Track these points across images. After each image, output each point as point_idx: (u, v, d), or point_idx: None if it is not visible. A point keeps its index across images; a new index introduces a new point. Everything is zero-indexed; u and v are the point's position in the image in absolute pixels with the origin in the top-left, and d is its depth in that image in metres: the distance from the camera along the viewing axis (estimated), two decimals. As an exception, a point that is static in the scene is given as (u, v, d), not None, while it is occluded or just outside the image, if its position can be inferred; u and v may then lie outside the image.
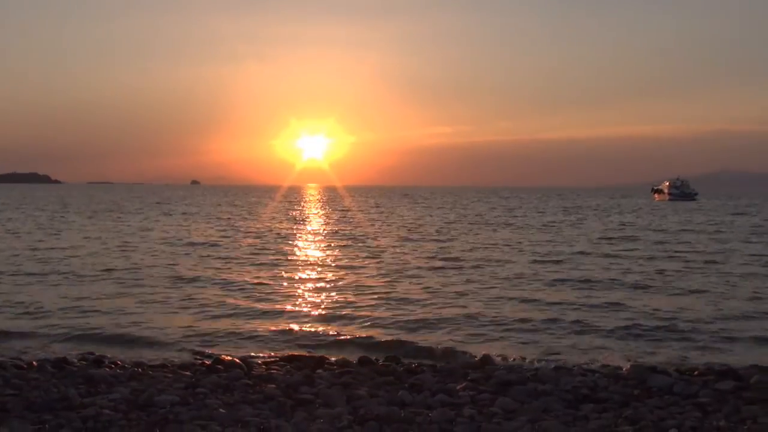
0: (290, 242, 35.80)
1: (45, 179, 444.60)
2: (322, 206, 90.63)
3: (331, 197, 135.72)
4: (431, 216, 63.71)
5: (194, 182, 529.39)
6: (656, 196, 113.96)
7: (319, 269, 24.60)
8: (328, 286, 20.72)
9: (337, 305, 17.45)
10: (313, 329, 14.88)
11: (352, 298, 18.36)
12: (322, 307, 17.36)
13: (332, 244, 34.55)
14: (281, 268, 24.84)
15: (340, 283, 21.18)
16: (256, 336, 14.12)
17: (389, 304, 17.50)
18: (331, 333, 14.48)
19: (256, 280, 21.52)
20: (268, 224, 50.87)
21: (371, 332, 14.46)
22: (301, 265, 25.87)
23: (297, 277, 22.54)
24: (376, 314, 16.28)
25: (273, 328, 14.87)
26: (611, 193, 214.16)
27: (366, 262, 26.39)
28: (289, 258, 28.29)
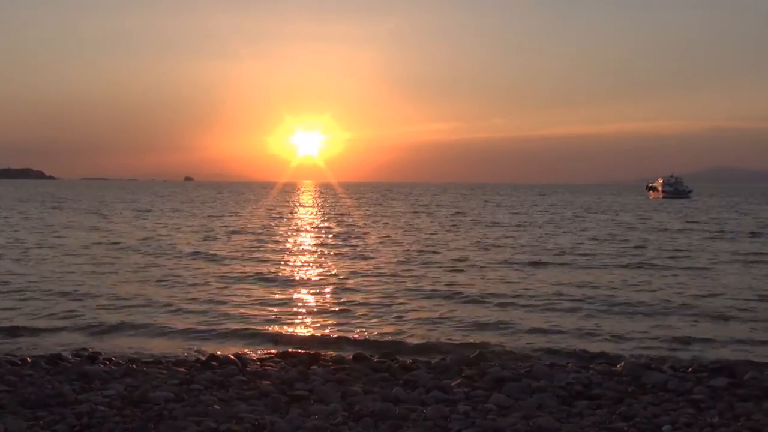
0: (281, 239, 35.74)
1: (39, 175, 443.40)
2: (314, 203, 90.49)
3: (326, 194, 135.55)
4: (426, 212, 63.67)
5: (188, 179, 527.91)
6: (651, 193, 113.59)
7: (312, 267, 24.59)
8: (321, 283, 20.72)
9: (332, 302, 17.47)
10: (307, 326, 14.89)
11: (345, 296, 18.34)
12: (317, 304, 17.37)
13: (323, 242, 34.53)
14: (273, 265, 24.81)
15: (333, 280, 21.16)
16: (251, 332, 14.08)
17: (383, 300, 17.50)
18: (325, 329, 14.49)
19: (249, 277, 21.50)
20: (258, 221, 50.77)
21: (366, 329, 14.46)
22: (294, 262, 25.84)
23: (289, 275, 22.50)
24: (370, 311, 16.28)
25: (267, 324, 14.86)
26: (607, 190, 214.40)
27: (359, 260, 26.38)
28: (280, 255, 28.25)
